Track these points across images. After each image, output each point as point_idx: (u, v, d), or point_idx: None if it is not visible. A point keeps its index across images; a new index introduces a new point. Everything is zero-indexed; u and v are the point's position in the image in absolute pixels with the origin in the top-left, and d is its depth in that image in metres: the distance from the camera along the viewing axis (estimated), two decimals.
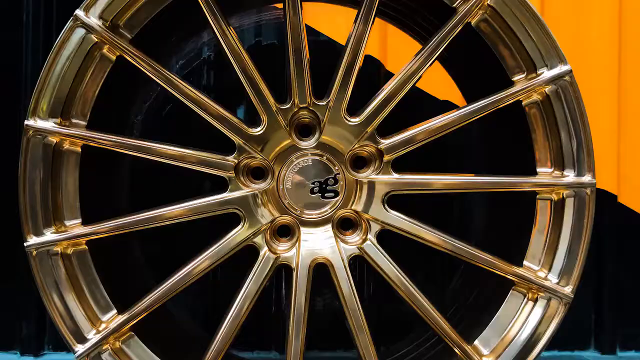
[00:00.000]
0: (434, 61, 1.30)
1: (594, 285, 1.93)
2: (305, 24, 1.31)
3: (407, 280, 1.30)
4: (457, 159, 1.90)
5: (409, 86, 1.28)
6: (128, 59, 1.24)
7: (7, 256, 1.83)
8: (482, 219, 1.83)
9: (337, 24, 1.85)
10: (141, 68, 1.25)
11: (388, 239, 1.36)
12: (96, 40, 1.22)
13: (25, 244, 1.23)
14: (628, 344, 1.95)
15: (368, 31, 1.28)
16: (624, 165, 1.93)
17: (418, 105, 1.83)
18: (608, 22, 1.93)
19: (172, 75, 1.26)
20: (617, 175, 1.92)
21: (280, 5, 1.63)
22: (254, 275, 1.30)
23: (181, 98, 1.26)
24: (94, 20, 1.21)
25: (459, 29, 1.27)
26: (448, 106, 1.85)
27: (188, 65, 1.87)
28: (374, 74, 1.88)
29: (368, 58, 1.85)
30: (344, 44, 1.78)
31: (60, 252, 1.25)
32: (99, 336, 1.24)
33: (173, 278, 1.27)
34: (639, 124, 1.94)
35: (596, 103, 1.91)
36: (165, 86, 1.26)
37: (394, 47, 1.87)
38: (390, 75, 1.87)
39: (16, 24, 1.86)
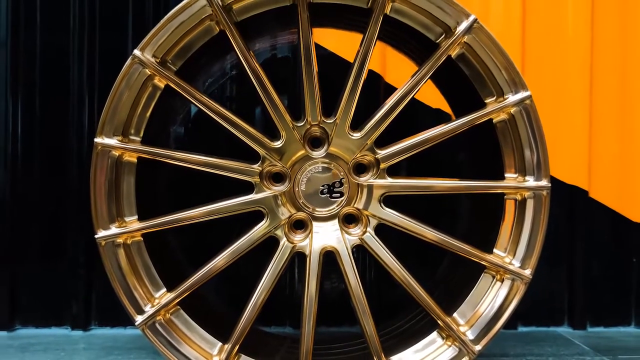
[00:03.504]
0: (422, 85, 1.43)
1: (567, 269, 2.05)
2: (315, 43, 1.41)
3: (399, 265, 1.43)
4: (449, 167, 2.01)
5: (401, 106, 1.42)
6: (174, 87, 1.40)
7: (60, 247, 1.98)
8: (465, 214, 1.96)
9: (341, 41, 1.95)
10: (188, 97, 1.40)
11: (391, 234, 1.46)
12: (149, 73, 1.39)
13: (95, 236, 1.39)
14: (597, 321, 2.08)
15: (368, 60, 1.39)
16: (594, 165, 2.05)
17: (413, 112, 1.95)
18: (581, 40, 2.03)
19: (213, 103, 1.41)
20: (588, 173, 2.05)
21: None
22: (275, 259, 1.44)
23: (219, 120, 1.41)
24: (148, 58, 1.38)
25: (442, 60, 1.41)
26: (440, 114, 1.95)
27: (216, 82, 1.98)
28: (375, 85, 1.99)
29: (370, 72, 1.96)
30: (344, 56, 1.90)
31: (122, 242, 1.41)
32: (153, 309, 1.41)
33: (213, 261, 1.42)
34: (607, 129, 2.06)
35: (570, 112, 2.03)
36: (209, 112, 1.40)
37: (392, 64, 1.98)
38: (389, 87, 1.98)
39: (64, 28, 1.96)
